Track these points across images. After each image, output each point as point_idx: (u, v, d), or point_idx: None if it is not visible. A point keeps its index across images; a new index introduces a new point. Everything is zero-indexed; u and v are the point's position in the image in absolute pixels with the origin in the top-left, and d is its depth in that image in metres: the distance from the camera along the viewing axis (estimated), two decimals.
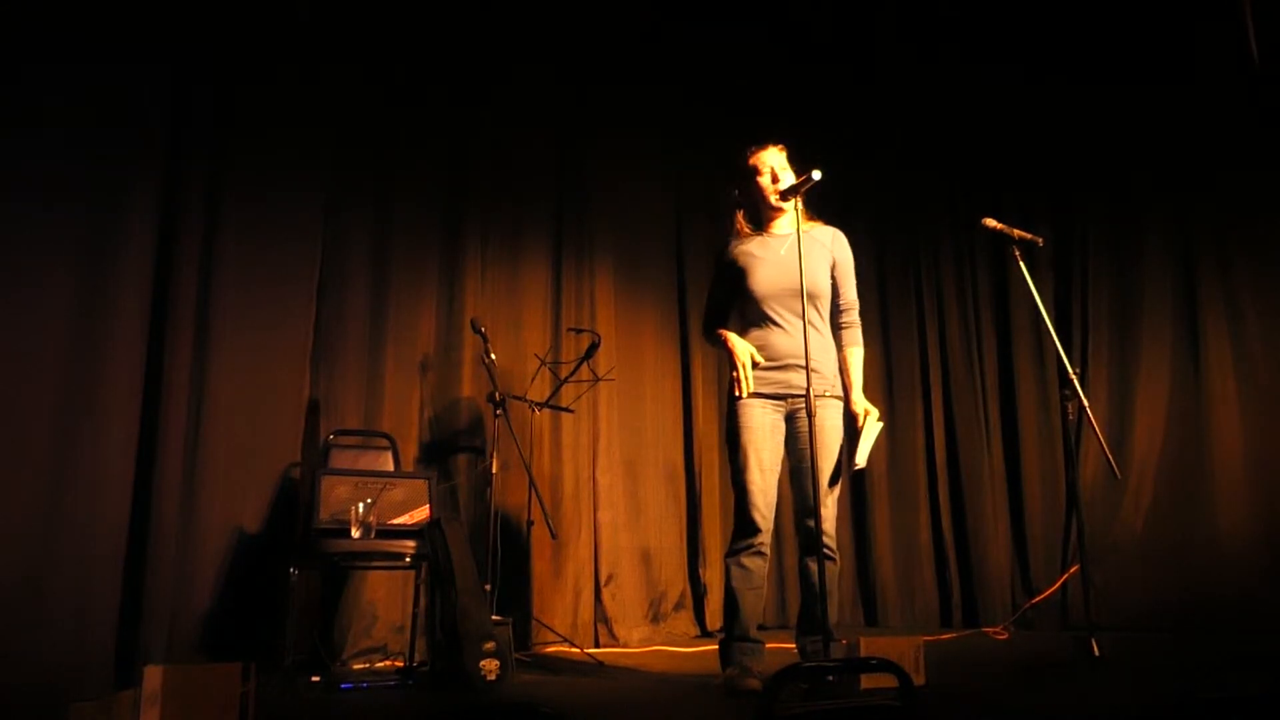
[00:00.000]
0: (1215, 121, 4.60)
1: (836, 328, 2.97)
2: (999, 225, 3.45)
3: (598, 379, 4.32)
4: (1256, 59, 3.95)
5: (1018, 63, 5.10)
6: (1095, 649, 3.11)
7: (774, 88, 5.21)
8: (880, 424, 2.85)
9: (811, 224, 2.98)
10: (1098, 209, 4.97)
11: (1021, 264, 3.42)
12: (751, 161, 2.96)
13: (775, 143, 2.98)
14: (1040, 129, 5.10)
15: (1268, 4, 3.94)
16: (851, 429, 2.86)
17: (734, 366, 2.82)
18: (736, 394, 2.80)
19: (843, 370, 2.94)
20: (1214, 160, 4.63)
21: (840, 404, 2.89)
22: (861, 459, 2.79)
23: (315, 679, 3.06)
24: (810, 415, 2.54)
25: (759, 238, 2.97)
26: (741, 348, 2.83)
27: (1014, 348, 5.10)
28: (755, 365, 2.83)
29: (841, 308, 2.99)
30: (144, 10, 3.26)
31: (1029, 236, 3.45)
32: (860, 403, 2.88)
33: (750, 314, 2.92)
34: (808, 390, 2.56)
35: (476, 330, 3.89)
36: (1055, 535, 4.79)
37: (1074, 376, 3.34)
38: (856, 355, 2.96)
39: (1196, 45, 4.58)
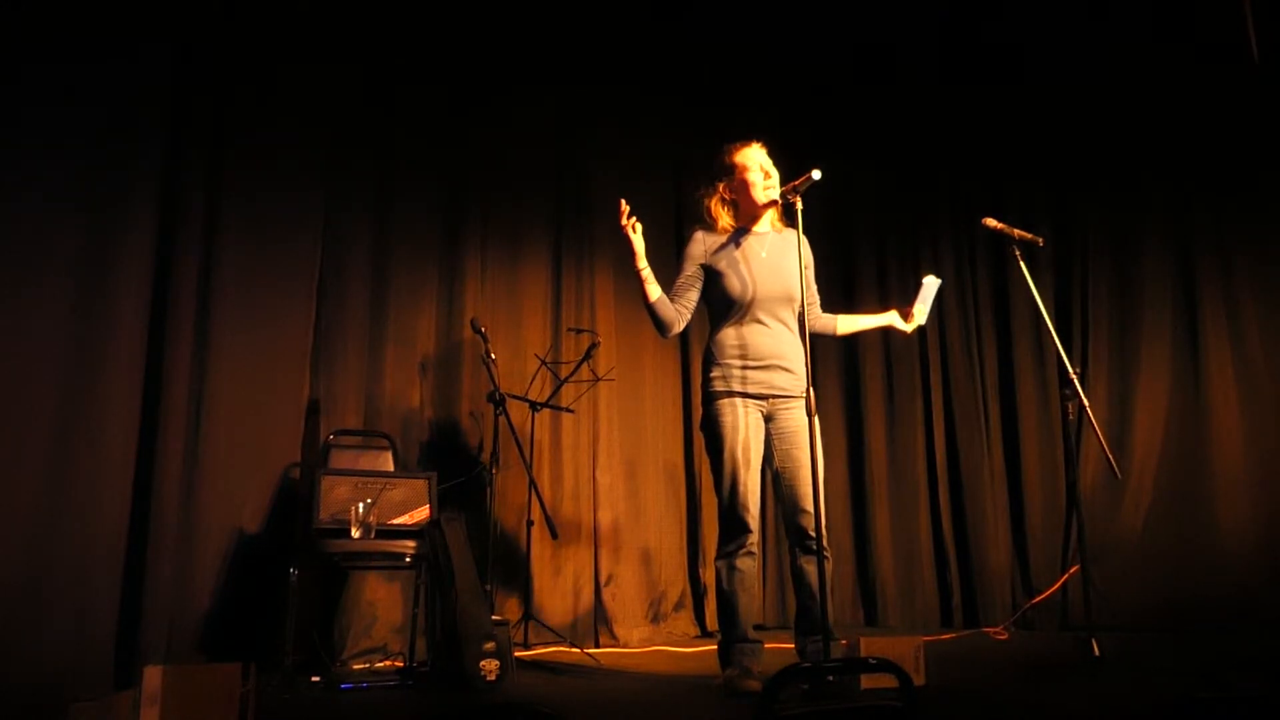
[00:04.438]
0: (1215, 121, 4.60)
1: (817, 317, 3.05)
2: (999, 225, 3.45)
3: (598, 379, 4.32)
4: (1256, 59, 3.95)
5: (1018, 62, 5.10)
6: (1095, 649, 3.11)
7: (774, 87, 5.21)
8: (939, 280, 3.10)
9: (783, 226, 3.00)
10: (1098, 209, 4.97)
11: (1022, 264, 3.43)
12: (737, 159, 2.95)
13: (756, 140, 2.98)
14: (1041, 129, 5.10)
15: (1268, 4, 3.94)
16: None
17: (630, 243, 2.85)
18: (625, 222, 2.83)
19: (860, 323, 3.16)
20: (1214, 160, 4.63)
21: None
22: (921, 317, 3.08)
23: (315, 679, 3.06)
24: (811, 415, 2.54)
25: (737, 236, 2.96)
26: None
27: (1014, 348, 5.10)
28: (733, 365, 2.86)
29: (812, 303, 3.06)
30: (143, 10, 3.26)
31: (1029, 236, 3.45)
32: (898, 313, 3.10)
33: (733, 314, 2.90)
34: (808, 391, 2.57)
35: (476, 330, 3.89)
36: (1055, 535, 4.79)
37: (1074, 376, 3.34)
38: (845, 316, 3.16)
39: (1196, 45, 4.57)
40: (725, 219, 2.97)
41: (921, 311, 3.07)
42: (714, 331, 2.94)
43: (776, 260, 2.90)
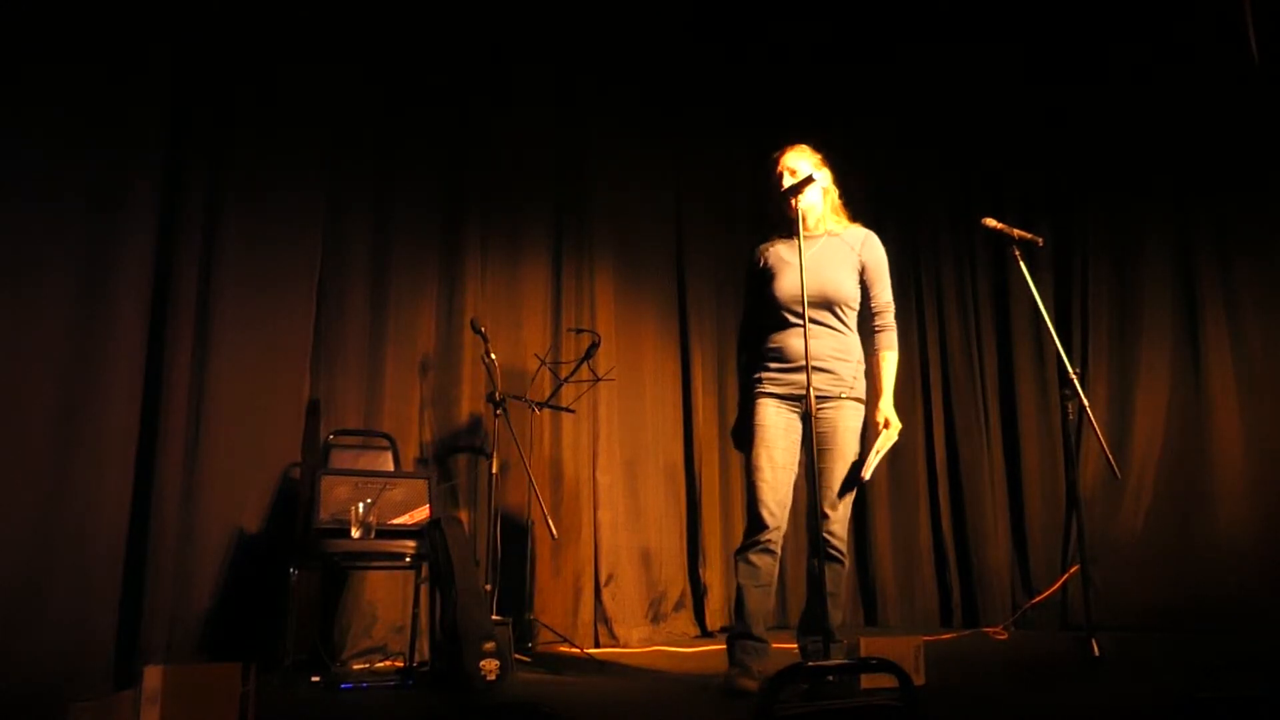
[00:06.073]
0: (1215, 121, 4.60)
1: (871, 331, 2.95)
2: (999, 225, 3.45)
3: (598, 379, 4.32)
4: (1256, 59, 3.94)
5: (1018, 61, 5.10)
6: (1095, 649, 3.12)
7: (773, 88, 5.21)
8: (895, 439, 2.84)
9: (845, 225, 2.99)
10: (1098, 209, 4.97)
11: (1021, 264, 3.43)
12: (775, 162, 2.98)
13: (798, 143, 2.99)
14: (1041, 128, 5.10)
15: (1268, 4, 3.94)
16: (870, 436, 2.87)
17: None
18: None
19: (883, 375, 2.91)
20: (1214, 160, 4.63)
21: (860, 407, 2.89)
22: (867, 471, 2.79)
23: (315, 679, 3.06)
24: (810, 416, 2.55)
25: (787, 241, 2.97)
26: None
27: (1014, 348, 5.10)
28: (770, 368, 2.88)
29: (874, 310, 2.96)
30: (144, 10, 3.26)
31: (1029, 236, 3.45)
32: (884, 411, 2.85)
33: (771, 317, 2.93)
34: (807, 391, 2.57)
35: (476, 330, 3.89)
36: (1055, 535, 4.79)
37: (1074, 376, 3.34)
38: (887, 361, 2.92)
39: (1197, 44, 4.58)
40: (777, 224, 3.00)
41: (872, 462, 2.81)
42: (759, 336, 2.97)
43: (817, 263, 2.86)
